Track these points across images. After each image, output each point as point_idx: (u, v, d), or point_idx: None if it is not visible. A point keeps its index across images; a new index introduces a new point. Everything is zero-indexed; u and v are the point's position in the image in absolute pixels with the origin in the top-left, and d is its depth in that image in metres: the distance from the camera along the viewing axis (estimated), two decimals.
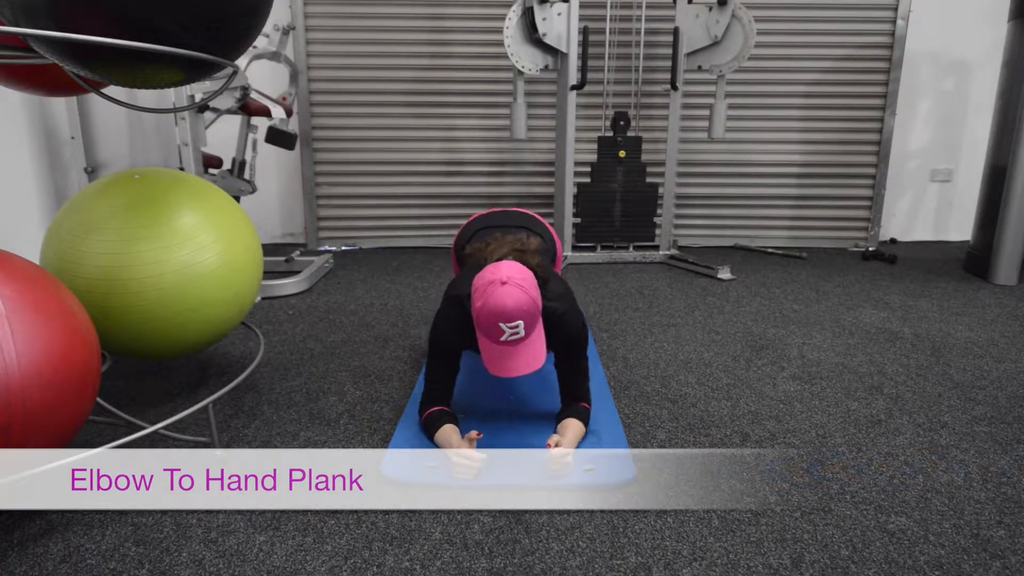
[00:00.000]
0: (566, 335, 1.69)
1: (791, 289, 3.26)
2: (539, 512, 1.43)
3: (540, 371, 2.12)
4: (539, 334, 1.58)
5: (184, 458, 1.65)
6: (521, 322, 1.51)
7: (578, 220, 3.82)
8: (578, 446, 1.65)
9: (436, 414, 1.69)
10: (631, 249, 3.92)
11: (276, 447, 1.71)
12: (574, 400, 1.74)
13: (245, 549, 1.32)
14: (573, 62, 3.52)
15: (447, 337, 1.71)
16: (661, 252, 3.87)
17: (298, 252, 3.64)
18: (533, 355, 1.56)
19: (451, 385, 1.75)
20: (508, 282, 1.51)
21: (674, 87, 3.65)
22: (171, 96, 3.08)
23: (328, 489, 1.52)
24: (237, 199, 3.28)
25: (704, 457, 1.67)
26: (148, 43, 1.25)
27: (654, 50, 4.05)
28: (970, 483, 1.56)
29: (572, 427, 1.66)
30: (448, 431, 1.64)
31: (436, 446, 1.65)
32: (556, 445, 1.56)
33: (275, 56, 3.30)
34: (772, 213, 4.33)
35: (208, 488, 1.52)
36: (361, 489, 1.51)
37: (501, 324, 1.50)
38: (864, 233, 4.33)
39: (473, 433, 1.60)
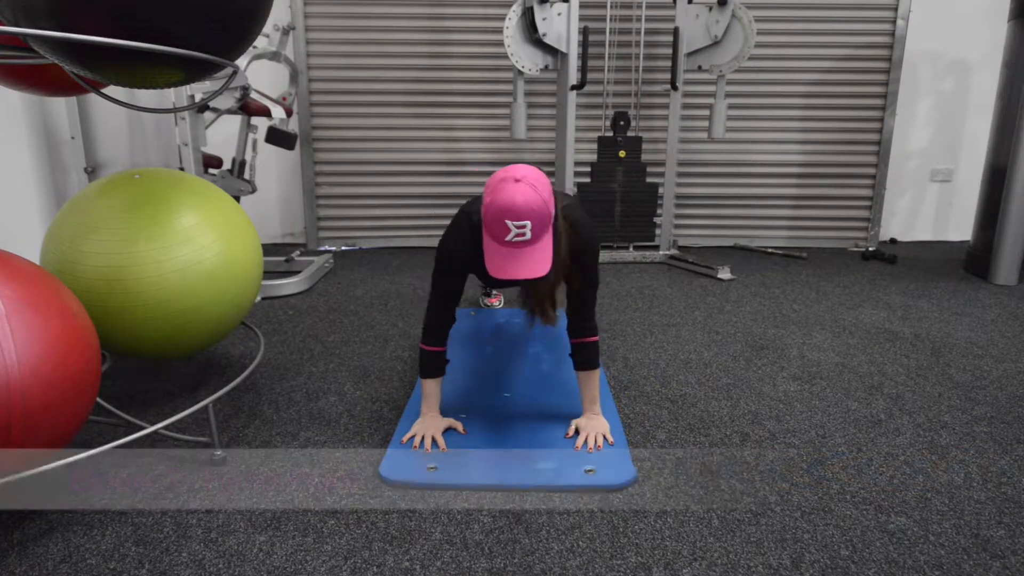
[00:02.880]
0: (577, 242, 1.62)
1: (791, 289, 3.26)
2: (539, 512, 1.43)
3: (539, 370, 2.14)
4: (547, 242, 1.49)
5: (184, 458, 1.66)
6: (529, 222, 1.42)
7: None
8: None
9: (436, 356, 1.71)
10: (631, 249, 3.92)
11: (276, 447, 1.71)
12: (582, 333, 1.71)
13: (245, 549, 1.32)
14: (573, 62, 3.52)
15: (454, 251, 1.65)
16: (661, 252, 3.87)
17: (298, 252, 3.64)
18: (537, 261, 1.47)
19: (454, 305, 1.71)
20: (522, 180, 1.43)
21: (674, 87, 3.65)
22: (171, 96, 3.08)
23: (328, 489, 1.52)
24: (237, 199, 3.29)
25: (704, 457, 1.67)
26: (148, 43, 1.25)
27: (654, 50, 4.05)
28: (970, 483, 1.56)
29: (587, 389, 1.72)
30: (433, 392, 1.70)
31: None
32: (575, 431, 1.64)
33: (275, 56, 3.30)
34: (772, 213, 4.33)
35: (208, 488, 1.52)
36: (361, 489, 1.51)
37: (508, 221, 1.42)
38: (864, 233, 4.34)
39: (459, 427, 1.67)
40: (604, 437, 1.69)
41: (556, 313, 1.64)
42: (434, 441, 1.67)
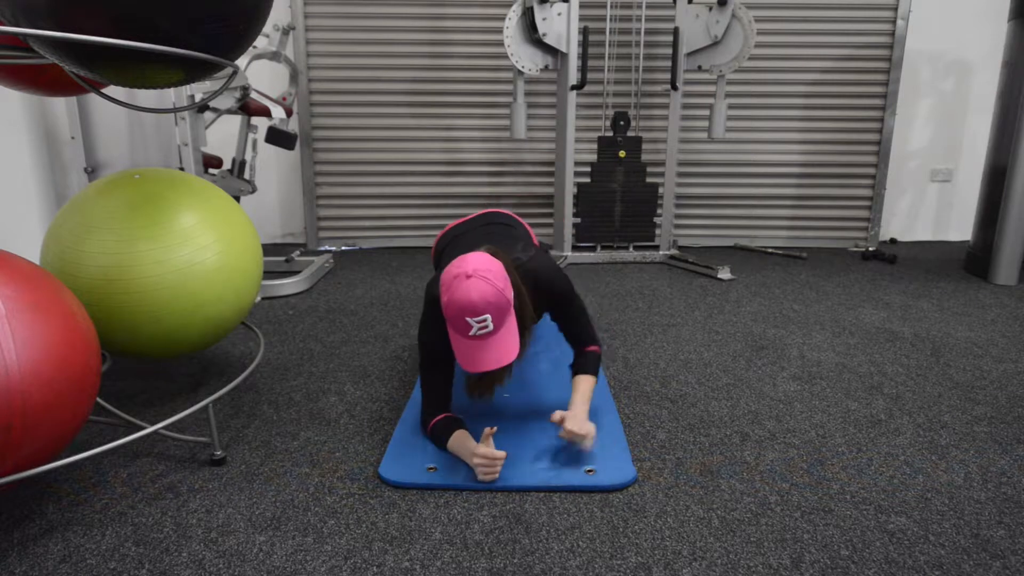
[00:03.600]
0: (547, 292, 1.68)
1: (791, 289, 3.26)
2: (539, 512, 1.43)
3: (537, 368, 2.14)
4: (510, 326, 1.52)
5: (184, 458, 1.66)
6: (488, 316, 1.44)
7: (578, 220, 3.82)
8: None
9: (443, 422, 1.65)
10: (631, 249, 3.92)
11: (276, 447, 1.71)
12: (580, 345, 1.75)
13: (245, 549, 1.32)
14: (573, 62, 3.52)
15: (433, 342, 1.66)
16: (661, 252, 3.87)
17: (298, 252, 3.64)
18: (504, 348, 1.50)
19: (448, 390, 1.71)
20: (473, 275, 1.44)
21: (674, 87, 3.65)
22: (171, 96, 3.08)
23: (328, 489, 1.52)
24: (237, 199, 3.29)
25: (704, 457, 1.67)
26: (148, 43, 1.25)
27: (654, 50, 4.05)
28: (970, 483, 1.56)
29: (580, 388, 1.69)
30: (462, 437, 1.61)
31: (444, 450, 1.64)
32: (562, 420, 1.58)
33: (275, 56, 3.30)
34: (772, 213, 4.34)
35: (208, 488, 1.52)
36: (361, 489, 1.51)
37: (468, 319, 1.44)
38: (864, 233, 4.34)
39: (488, 429, 1.56)
40: (584, 439, 1.60)
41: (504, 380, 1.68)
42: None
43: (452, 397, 1.73)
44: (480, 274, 1.45)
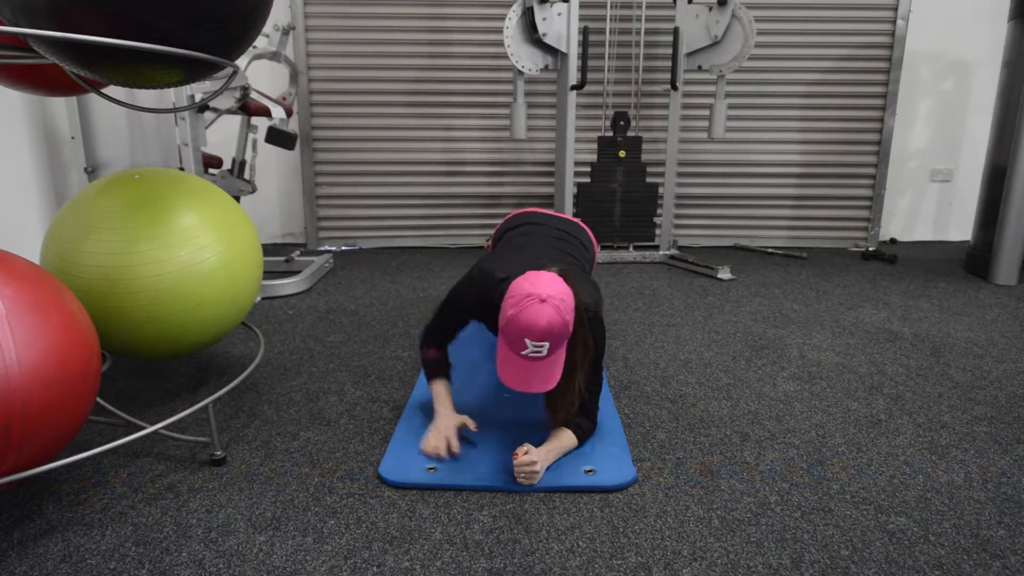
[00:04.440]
0: (593, 343, 1.60)
1: (791, 289, 3.26)
2: (539, 512, 1.43)
3: None
4: (558, 357, 1.51)
5: (184, 458, 1.66)
6: (548, 343, 1.44)
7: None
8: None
9: (438, 360, 1.76)
10: (631, 249, 3.92)
11: (276, 447, 1.71)
12: (579, 414, 1.65)
13: (245, 549, 1.32)
14: (573, 62, 3.52)
15: (466, 301, 1.73)
16: (661, 252, 3.87)
17: (298, 252, 3.64)
18: (548, 375, 1.49)
19: (458, 332, 1.79)
20: (548, 300, 1.42)
21: (674, 87, 3.65)
22: (171, 96, 3.08)
23: (328, 489, 1.52)
24: (237, 199, 3.29)
25: (704, 457, 1.67)
26: (148, 43, 1.25)
27: (654, 50, 4.05)
28: (970, 483, 1.56)
29: (557, 438, 1.62)
30: (443, 392, 1.72)
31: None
32: (525, 453, 1.52)
33: (275, 56, 3.30)
34: (772, 213, 4.34)
35: (208, 488, 1.52)
36: (361, 489, 1.51)
37: (527, 340, 1.43)
38: (864, 233, 4.34)
39: (471, 424, 1.67)
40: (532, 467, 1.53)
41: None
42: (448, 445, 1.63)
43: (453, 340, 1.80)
44: (554, 302, 1.43)
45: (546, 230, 2.01)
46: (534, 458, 1.52)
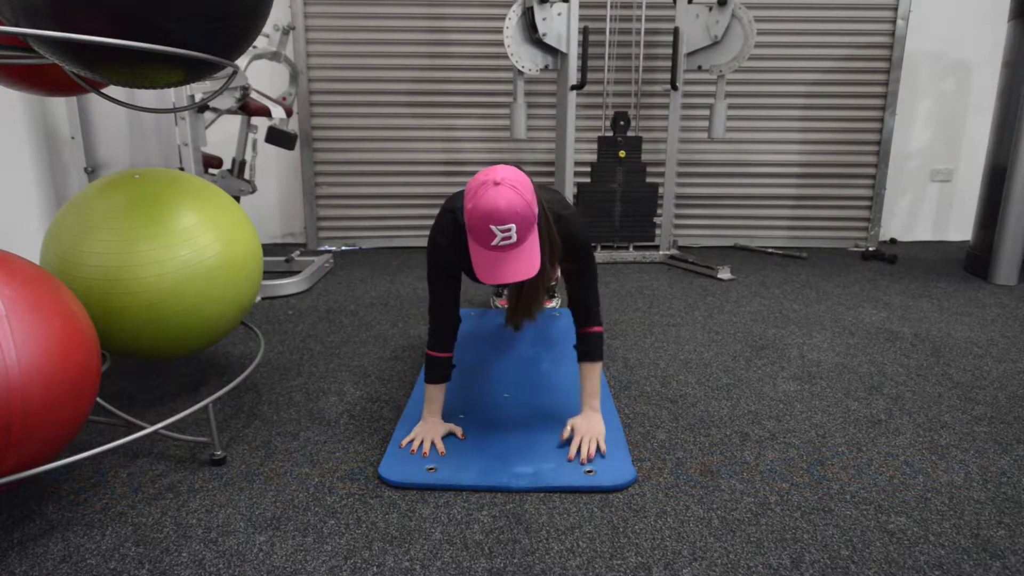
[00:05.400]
0: (570, 241, 1.63)
1: (791, 289, 3.26)
2: (539, 512, 1.43)
3: (538, 370, 2.14)
4: (533, 241, 1.48)
5: (184, 458, 1.66)
6: (513, 225, 1.40)
7: None
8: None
9: (440, 362, 1.71)
10: (631, 249, 3.92)
11: (276, 447, 1.71)
12: (585, 322, 1.70)
13: (245, 549, 1.32)
14: (573, 62, 3.52)
15: (443, 250, 1.64)
16: (661, 252, 3.87)
17: (298, 252, 3.64)
18: (526, 262, 1.45)
19: (456, 310, 1.71)
20: (502, 183, 1.40)
21: (674, 87, 3.65)
22: (171, 96, 3.08)
23: (328, 489, 1.52)
24: (237, 199, 3.29)
25: (704, 457, 1.67)
26: (148, 43, 1.26)
27: (654, 50, 4.05)
28: (970, 483, 1.56)
29: (588, 382, 1.70)
30: (436, 396, 1.71)
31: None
32: (571, 430, 1.61)
33: (275, 56, 3.30)
34: (772, 213, 4.34)
35: (208, 488, 1.52)
36: (361, 489, 1.51)
37: (492, 227, 1.40)
38: (864, 233, 4.34)
39: (459, 432, 1.69)
40: (598, 445, 1.63)
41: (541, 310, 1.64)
42: (433, 445, 1.66)
43: (459, 324, 1.73)
44: (509, 183, 1.41)
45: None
46: (585, 444, 1.60)
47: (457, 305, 1.71)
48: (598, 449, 1.64)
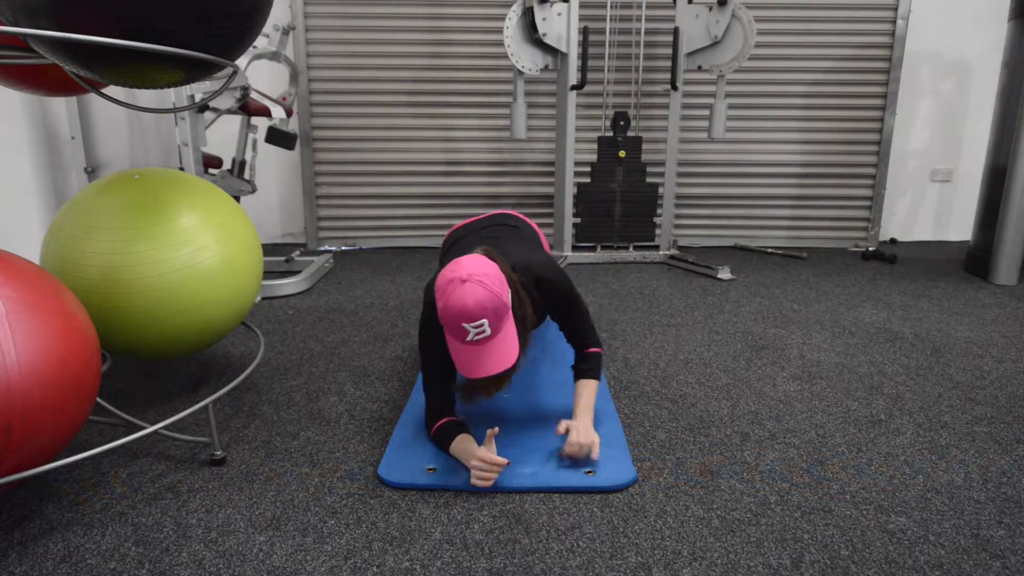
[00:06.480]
0: (548, 293, 1.68)
1: (791, 289, 3.26)
2: (539, 512, 1.43)
3: (537, 370, 2.14)
4: (508, 331, 1.49)
5: (184, 458, 1.66)
6: (485, 320, 1.42)
7: (578, 220, 3.82)
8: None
9: (447, 426, 1.63)
10: (631, 249, 3.92)
11: (276, 447, 1.71)
12: (581, 346, 1.74)
13: (245, 549, 1.32)
14: (573, 62, 3.52)
15: (432, 343, 1.64)
16: (661, 252, 3.87)
17: (298, 252, 3.64)
18: (502, 353, 1.47)
19: (450, 390, 1.69)
20: (468, 279, 1.42)
21: (674, 87, 3.65)
22: (171, 96, 3.08)
23: (328, 489, 1.52)
24: (237, 199, 3.29)
25: (704, 457, 1.67)
26: (148, 43, 1.25)
27: (654, 50, 4.05)
28: (970, 483, 1.56)
29: (583, 397, 1.68)
30: (464, 441, 1.59)
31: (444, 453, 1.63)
32: (566, 430, 1.59)
33: (275, 56, 3.30)
34: (772, 213, 4.34)
35: (208, 488, 1.52)
36: (361, 489, 1.51)
37: (464, 324, 1.42)
38: (864, 233, 4.34)
39: (491, 431, 1.55)
40: (590, 449, 1.59)
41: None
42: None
43: (455, 398, 1.71)
44: (476, 278, 1.42)
45: (468, 234, 1.99)
46: (583, 440, 1.56)
47: (452, 391, 1.68)
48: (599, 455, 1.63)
